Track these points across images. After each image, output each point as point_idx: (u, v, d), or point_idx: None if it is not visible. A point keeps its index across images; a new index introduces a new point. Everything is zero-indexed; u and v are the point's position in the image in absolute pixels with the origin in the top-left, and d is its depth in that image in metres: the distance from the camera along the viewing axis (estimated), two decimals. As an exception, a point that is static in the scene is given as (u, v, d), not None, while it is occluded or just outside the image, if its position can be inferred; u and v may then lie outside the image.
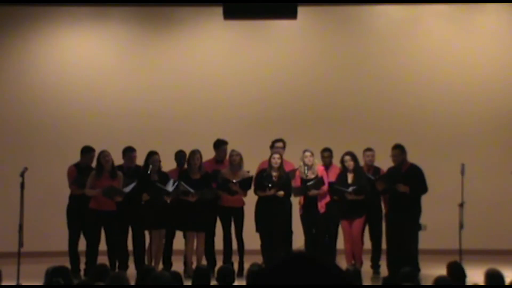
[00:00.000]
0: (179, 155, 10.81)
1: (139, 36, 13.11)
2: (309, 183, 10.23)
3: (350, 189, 10.14)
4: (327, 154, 10.79)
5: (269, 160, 10.34)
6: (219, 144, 10.86)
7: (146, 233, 10.37)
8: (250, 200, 10.50)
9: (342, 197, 10.26)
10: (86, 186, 10.13)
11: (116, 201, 10.03)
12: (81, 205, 10.19)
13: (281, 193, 10.21)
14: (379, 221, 10.55)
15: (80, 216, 10.29)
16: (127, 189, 9.99)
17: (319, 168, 10.43)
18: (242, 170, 10.46)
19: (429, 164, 11.03)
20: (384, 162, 10.45)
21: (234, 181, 10.28)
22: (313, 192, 10.25)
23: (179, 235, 10.59)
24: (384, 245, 10.52)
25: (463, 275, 6.59)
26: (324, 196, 10.33)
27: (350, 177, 10.30)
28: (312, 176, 10.31)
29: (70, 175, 10.61)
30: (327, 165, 10.69)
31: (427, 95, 12.93)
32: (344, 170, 10.36)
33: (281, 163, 10.32)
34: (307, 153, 10.33)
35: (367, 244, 10.66)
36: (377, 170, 10.65)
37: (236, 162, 10.43)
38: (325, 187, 10.28)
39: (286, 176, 10.31)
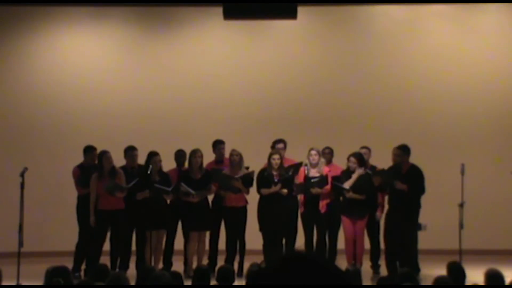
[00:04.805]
0: (179, 155, 10.82)
1: (139, 36, 13.11)
2: (313, 180, 10.22)
3: (347, 186, 10.13)
4: (327, 151, 10.81)
5: (269, 161, 10.34)
6: (215, 144, 10.90)
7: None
8: (251, 199, 10.50)
9: (343, 195, 10.26)
10: (91, 194, 10.12)
11: (120, 197, 10.05)
12: (89, 205, 10.19)
13: (285, 191, 10.22)
14: (375, 221, 10.56)
15: (89, 216, 10.24)
16: (129, 185, 10.00)
17: (325, 168, 10.40)
18: (242, 170, 10.47)
19: (429, 164, 11.04)
20: (384, 162, 10.45)
21: (236, 176, 10.31)
22: (316, 190, 10.22)
23: (179, 235, 10.60)
24: (382, 245, 10.54)
25: (463, 275, 6.59)
26: (325, 196, 10.31)
27: (353, 177, 10.27)
28: (317, 175, 10.30)
29: (74, 176, 10.65)
30: (327, 162, 10.69)
31: (427, 95, 12.93)
32: (348, 169, 10.34)
33: (281, 163, 10.33)
34: (313, 152, 10.32)
35: (366, 244, 10.66)
36: (373, 168, 10.68)
37: (236, 161, 10.45)
38: (328, 187, 10.26)
39: (287, 174, 10.31)
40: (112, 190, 9.98)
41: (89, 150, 10.74)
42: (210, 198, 10.65)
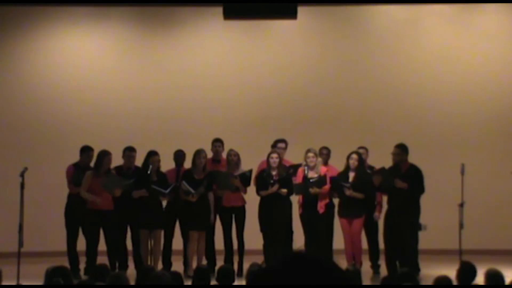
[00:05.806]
0: (178, 155, 10.82)
1: (139, 36, 13.11)
2: (311, 180, 10.22)
3: (347, 184, 10.14)
4: (325, 152, 10.81)
5: (268, 160, 10.34)
6: (212, 142, 10.91)
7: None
8: (251, 199, 10.50)
9: (342, 194, 10.26)
10: (82, 186, 10.14)
11: (114, 197, 10.04)
12: (79, 204, 10.20)
13: (284, 190, 10.21)
14: (373, 221, 10.56)
15: (79, 215, 10.29)
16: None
17: (322, 168, 10.40)
18: (240, 170, 10.47)
19: (429, 164, 11.04)
20: (384, 163, 10.44)
21: (235, 174, 10.31)
22: (315, 189, 10.22)
23: (178, 235, 10.60)
24: (381, 245, 10.53)
25: (473, 275, 6.56)
26: (324, 196, 10.31)
27: (351, 176, 10.29)
28: (315, 176, 10.30)
29: (68, 174, 10.66)
30: (324, 163, 10.69)
31: (427, 95, 12.93)
32: (347, 168, 10.35)
33: (280, 162, 10.33)
34: (310, 154, 10.30)
35: (366, 244, 10.66)
36: (371, 168, 10.68)
37: (234, 161, 10.47)
38: (327, 187, 10.26)
39: (286, 174, 10.31)
40: (110, 185, 9.97)
41: (85, 150, 10.73)
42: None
